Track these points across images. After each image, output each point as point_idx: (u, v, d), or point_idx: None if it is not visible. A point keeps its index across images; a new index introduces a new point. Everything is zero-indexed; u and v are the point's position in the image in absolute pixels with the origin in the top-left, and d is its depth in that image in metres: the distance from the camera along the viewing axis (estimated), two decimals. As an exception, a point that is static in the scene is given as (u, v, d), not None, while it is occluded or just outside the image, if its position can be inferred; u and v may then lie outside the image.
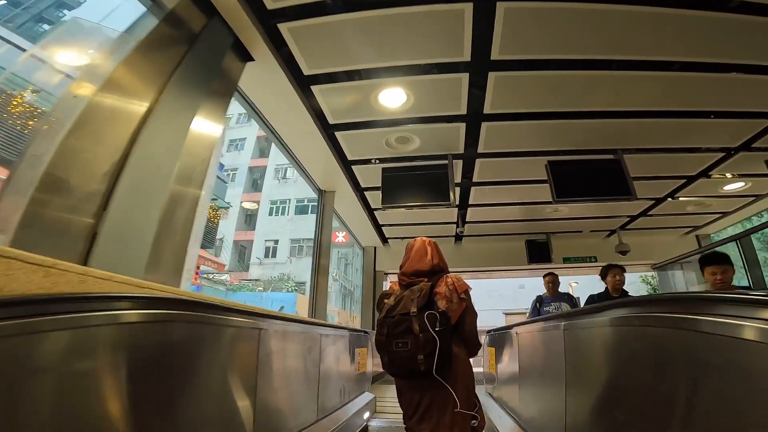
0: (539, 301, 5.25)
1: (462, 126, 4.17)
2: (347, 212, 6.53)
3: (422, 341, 1.90)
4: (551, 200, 4.44)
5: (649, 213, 6.91)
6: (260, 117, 3.86)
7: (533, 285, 26.70)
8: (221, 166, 17.58)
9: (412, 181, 4.59)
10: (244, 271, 26.86)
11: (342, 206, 6.18)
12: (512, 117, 4.00)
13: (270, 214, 29.98)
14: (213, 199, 14.28)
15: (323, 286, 5.31)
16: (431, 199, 4.51)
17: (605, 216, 7.16)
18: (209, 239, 14.01)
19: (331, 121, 4.09)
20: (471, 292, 2.14)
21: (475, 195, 6.05)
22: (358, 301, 8.62)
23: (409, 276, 2.24)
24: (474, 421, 2.04)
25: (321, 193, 5.59)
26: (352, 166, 5.12)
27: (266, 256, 27.80)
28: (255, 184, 31.22)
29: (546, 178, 4.55)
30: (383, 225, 7.31)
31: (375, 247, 8.23)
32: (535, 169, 4.95)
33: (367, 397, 4.97)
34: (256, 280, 24.50)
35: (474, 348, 2.15)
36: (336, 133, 4.34)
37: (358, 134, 4.36)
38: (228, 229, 29.57)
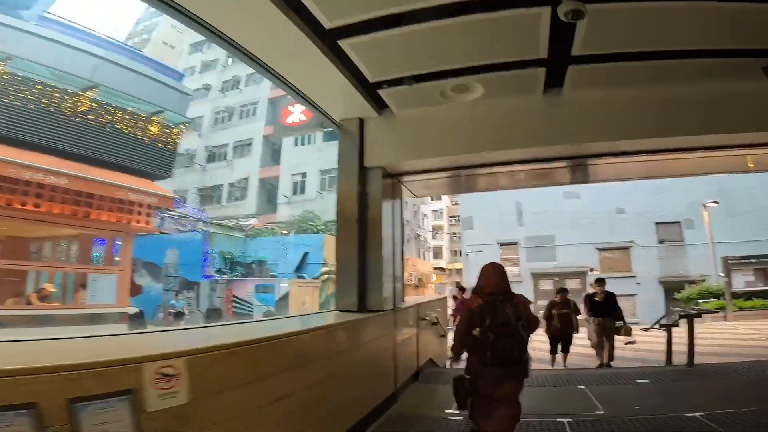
0: None
1: None
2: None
3: None
4: None
5: None
6: None
7: (638, 207, 21.95)
8: (179, 74, 14.11)
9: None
10: (272, 212, 24.70)
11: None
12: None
13: (295, 144, 26.91)
14: (157, 112, 11.03)
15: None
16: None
17: None
18: (163, 166, 11.11)
19: None
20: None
21: None
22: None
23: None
24: None
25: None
26: None
27: (294, 192, 25.29)
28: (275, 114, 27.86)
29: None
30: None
31: (361, 121, 4.62)
32: None
33: None
34: (278, 223, 22.08)
35: None
36: None
37: None
38: (252, 167, 27.11)
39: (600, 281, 7.25)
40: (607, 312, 6.79)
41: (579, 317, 7.45)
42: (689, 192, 20.51)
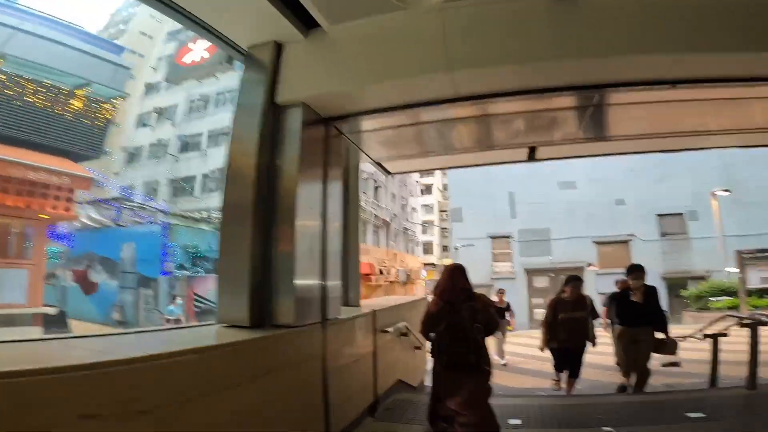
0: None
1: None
2: None
3: None
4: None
5: None
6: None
7: (638, 198, 20.60)
8: (115, 47, 12.37)
9: None
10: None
11: None
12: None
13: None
14: (82, 85, 9.31)
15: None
16: None
17: None
18: (89, 144, 9.36)
19: None
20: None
21: None
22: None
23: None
24: None
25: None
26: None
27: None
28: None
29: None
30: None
31: (278, 46, 2.99)
32: None
33: None
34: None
35: None
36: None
37: None
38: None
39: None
40: (645, 318, 4.50)
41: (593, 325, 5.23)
42: (693, 182, 19.20)
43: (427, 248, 47.83)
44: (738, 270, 14.52)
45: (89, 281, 17.49)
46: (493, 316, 3.02)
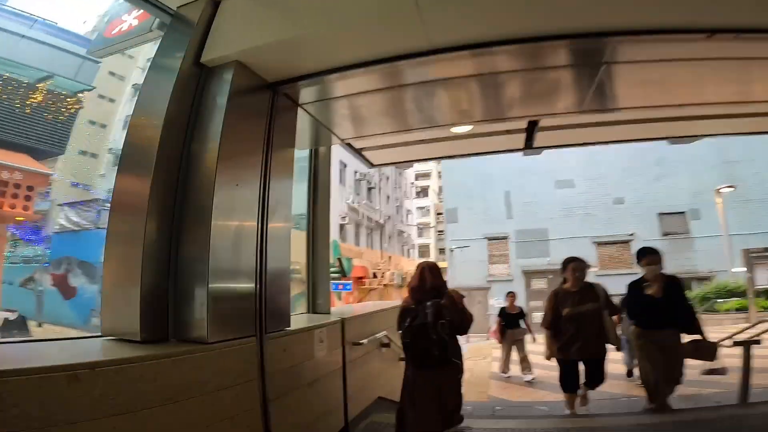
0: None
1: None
2: None
3: None
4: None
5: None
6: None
7: (638, 197, 19.81)
8: (82, 39, 11.70)
9: None
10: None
11: None
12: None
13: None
14: (44, 78, 8.64)
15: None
16: None
17: None
18: (50, 140, 8.68)
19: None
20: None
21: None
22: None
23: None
24: None
25: None
26: None
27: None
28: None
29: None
30: None
31: (216, 4, 2.36)
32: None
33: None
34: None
35: None
36: None
37: None
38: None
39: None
40: (667, 318, 3.45)
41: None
42: (693, 179, 18.65)
43: (424, 251, 47.24)
44: (746, 269, 13.90)
45: (68, 285, 16.68)
46: (463, 312, 2.93)
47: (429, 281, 2.97)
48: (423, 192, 49.28)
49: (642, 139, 5.56)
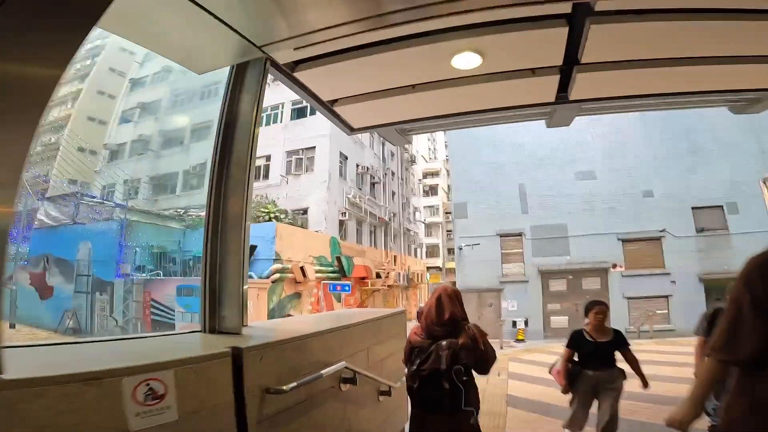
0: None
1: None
2: None
3: None
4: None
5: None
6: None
7: (669, 189, 18.01)
8: None
9: None
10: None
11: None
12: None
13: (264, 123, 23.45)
14: None
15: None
16: None
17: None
18: None
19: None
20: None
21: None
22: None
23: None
24: None
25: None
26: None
27: (257, 177, 21.66)
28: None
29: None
30: None
31: None
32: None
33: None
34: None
35: None
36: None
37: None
38: (210, 151, 23.57)
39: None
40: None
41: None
42: (731, 170, 16.75)
43: (432, 251, 45.73)
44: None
45: (45, 285, 15.52)
46: (485, 353, 2.46)
47: (447, 311, 2.53)
48: (432, 190, 47.79)
49: (705, 91, 3.88)
